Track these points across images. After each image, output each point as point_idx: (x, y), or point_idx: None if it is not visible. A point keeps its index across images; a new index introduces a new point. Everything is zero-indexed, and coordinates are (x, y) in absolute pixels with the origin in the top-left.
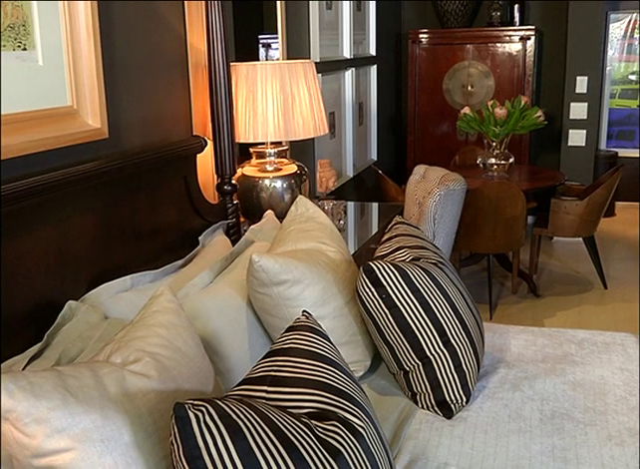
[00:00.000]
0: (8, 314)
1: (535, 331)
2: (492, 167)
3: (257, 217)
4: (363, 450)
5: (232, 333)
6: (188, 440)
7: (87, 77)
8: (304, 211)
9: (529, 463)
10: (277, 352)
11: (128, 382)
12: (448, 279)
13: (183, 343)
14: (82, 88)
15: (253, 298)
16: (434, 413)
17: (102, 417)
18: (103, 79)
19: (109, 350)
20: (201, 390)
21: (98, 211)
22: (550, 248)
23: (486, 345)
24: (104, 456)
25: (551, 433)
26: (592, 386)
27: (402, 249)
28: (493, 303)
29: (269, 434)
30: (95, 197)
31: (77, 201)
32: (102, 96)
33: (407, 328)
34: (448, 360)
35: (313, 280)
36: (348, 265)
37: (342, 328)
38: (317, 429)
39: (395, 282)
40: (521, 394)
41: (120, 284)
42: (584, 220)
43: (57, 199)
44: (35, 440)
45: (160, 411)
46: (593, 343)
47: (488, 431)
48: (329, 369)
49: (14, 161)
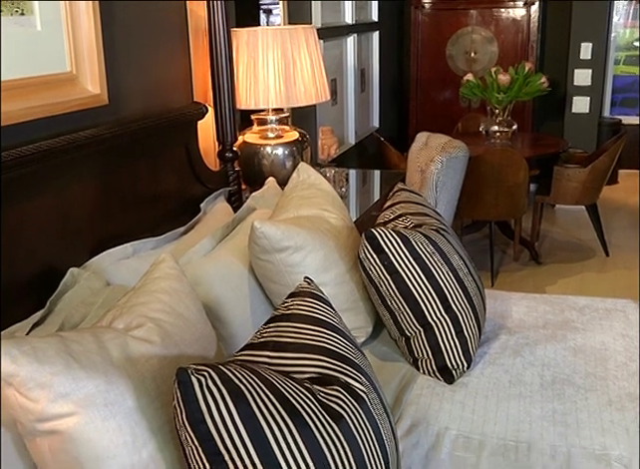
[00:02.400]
0: (10, 281)
1: (537, 298)
2: (495, 134)
3: (259, 184)
4: (365, 414)
5: (234, 300)
6: (191, 404)
7: (86, 42)
8: (306, 178)
9: (530, 427)
10: (279, 318)
11: (130, 348)
12: (449, 246)
13: (185, 309)
14: (81, 54)
15: (255, 265)
16: (435, 379)
17: (105, 382)
18: (102, 45)
19: (111, 316)
20: (204, 356)
21: (98, 177)
22: (552, 216)
23: (488, 312)
24: (107, 420)
25: (552, 398)
26: (593, 352)
27: (404, 216)
28: (495, 271)
29: (272, 399)
30: (95, 163)
31: (77, 168)
32: (101, 62)
33: (408, 295)
34: (449, 326)
35: (315, 247)
36: (350, 232)
37: (344, 295)
38: (319, 394)
39: (397, 249)
40: (522, 360)
41: (121, 251)
42: (587, 187)
43: (57, 165)
44: (39, 405)
45: (162, 376)
46: (594, 310)
47: (489, 396)
48: (331, 335)
49: (13, 127)
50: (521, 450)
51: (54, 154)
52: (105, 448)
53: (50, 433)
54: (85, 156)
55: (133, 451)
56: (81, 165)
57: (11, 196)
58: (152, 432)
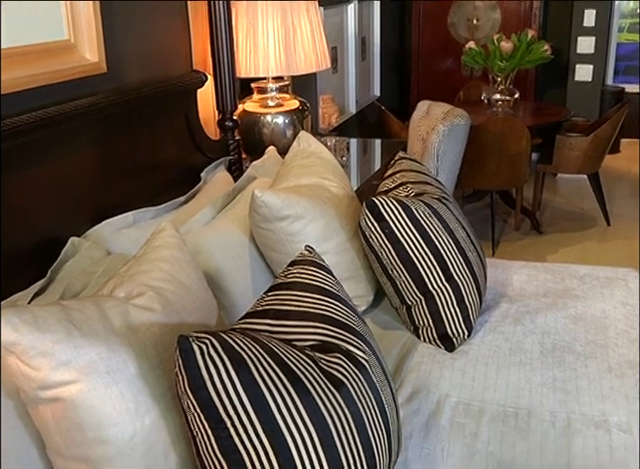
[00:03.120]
0: (11, 251)
1: (538, 266)
2: (497, 102)
3: (259, 153)
4: (366, 381)
5: (235, 269)
6: (192, 372)
7: (83, 10)
8: (306, 146)
9: (530, 394)
10: (280, 286)
11: (131, 316)
12: (451, 215)
13: (186, 278)
14: (78, 21)
15: (256, 234)
16: (435, 347)
17: (107, 350)
18: (100, 12)
19: (112, 285)
20: (205, 324)
21: (98, 146)
22: (554, 185)
23: (489, 280)
24: (110, 387)
25: (552, 365)
26: (593, 320)
27: (405, 185)
28: (496, 240)
29: (273, 366)
30: (94, 132)
31: (76, 136)
32: (99, 29)
33: (409, 263)
34: (450, 295)
35: (316, 216)
36: (351, 201)
37: (345, 263)
38: (320, 361)
39: (398, 217)
40: (523, 328)
41: (122, 221)
42: (589, 156)
43: (56, 134)
44: (41, 373)
45: (164, 344)
46: (595, 278)
47: (489, 364)
48: (332, 303)
49: (11, 96)
50: (521, 417)
51: (52, 122)
52: (107, 415)
53: (52, 401)
54: (84, 124)
55: (135, 418)
56: (80, 133)
57: (10, 165)
58: (154, 399)
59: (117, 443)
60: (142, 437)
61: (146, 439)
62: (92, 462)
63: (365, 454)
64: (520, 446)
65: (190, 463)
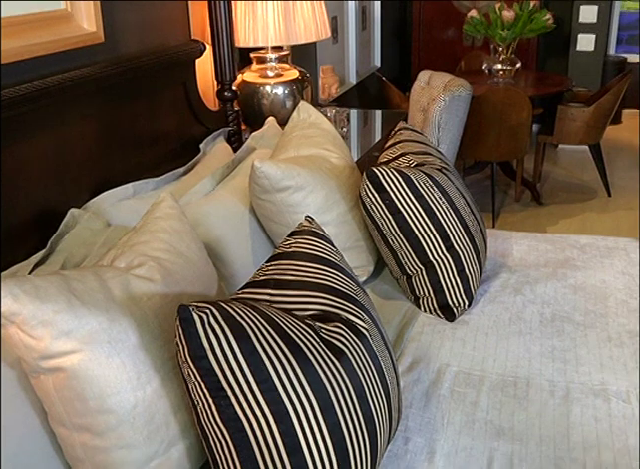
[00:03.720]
0: (10, 222)
1: (538, 237)
2: (499, 72)
3: (259, 123)
4: (366, 351)
5: (235, 240)
6: (193, 341)
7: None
8: (306, 116)
9: (529, 364)
10: (281, 256)
11: (132, 286)
12: (451, 185)
13: (187, 248)
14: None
15: (256, 205)
16: (436, 317)
17: (107, 320)
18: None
19: (112, 256)
20: (205, 295)
21: (97, 117)
22: (555, 156)
23: (489, 251)
24: (111, 357)
25: (551, 335)
26: (593, 290)
27: (406, 155)
28: (497, 211)
29: (273, 335)
30: (93, 103)
31: (75, 107)
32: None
33: (410, 233)
34: (450, 265)
35: (316, 186)
36: (351, 171)
37: (345, 234)
38: (321, 331)
39: (398, 187)
40: (523, 298)
41: (121, 192)
42: (590, 126)
43: (54, 104)
44: (42, 343)
45: (164, 314)
46: (596, 248)
47: (489, 334)
48: (332, 273)
49: (8, 66)
50: (521, 386)
51: (50, 93)
52: (109, 385)
53: (54, 370)
54: (81, 94)
55: (137, 387)
56: (78, 104)
57: (9, 135)
58: (155, 369)
59: (118, 412)
60: (143, 406)
61: (147, 408)
62: (94, 431)
63: (365, 422)
64: (520, 415)
65: (192, 432)
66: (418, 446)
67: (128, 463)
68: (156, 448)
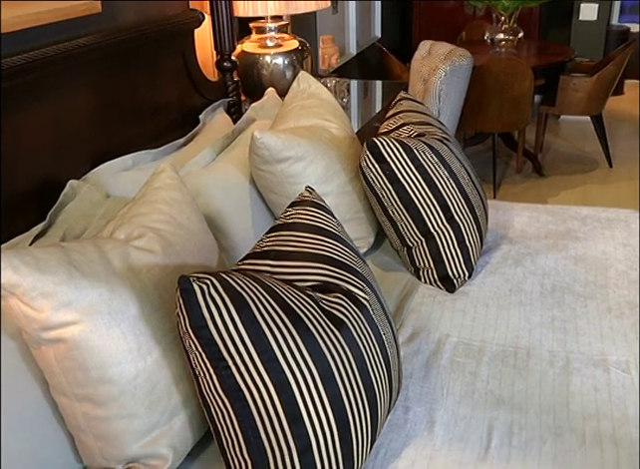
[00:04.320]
0: (10, 194)
1: (539, 208)
2: (501, 42)
3: (258, 94)
4: (366, 321)
5: (235, 211)
6: (194, 312)
7: None
8: (306, 87)
9: (529, 334)
10: (281, 227)
11: (132, 257)
12: (452, 155)
13: (187, 219)
14: None
15: (256, 176)
16: (436, 288)
17: (108, 291)
18: None
19: (112, 227)
20: (206, 266)
21: (95, 88)
22: (556, 127)
23: (490, 222)
24: (112, 328)
25: (551, 306)
26: (594, 261)
27: (406, 125)
28: (497, 183)
29: (274, 306)
30: (91, 73)
31: (72, 77)
32: None
33: (410, 204)
34: (451, 236)
35: (316, 157)
36: (351, 142)
37: (346, 205)
38: (321, 301)
39: (398, 158)
40: (523, 269)
41: (121, 163)
42: (593, 97)
43: (53, 75)
44: (42, 314)
45: (165, 285)
46: (597, 220)
47: (490, 304)
48: (333, 243)
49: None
50: (520, 356)
51: (47, 63)
52: (110, 355)
53: (55, 341)
54: (79, 65)
55: (138, 358)
56: (76, 75)
57: (7, 107)
58: (156, 340)
59: (120, 382)
60: (144, 377)
61: (148, 379)
62: (95, 401)
63: (366, 392)
64: (519, 385)
65: (193, 401)
66: (418, 416)
67: (129, 433)
68: (157, 418)
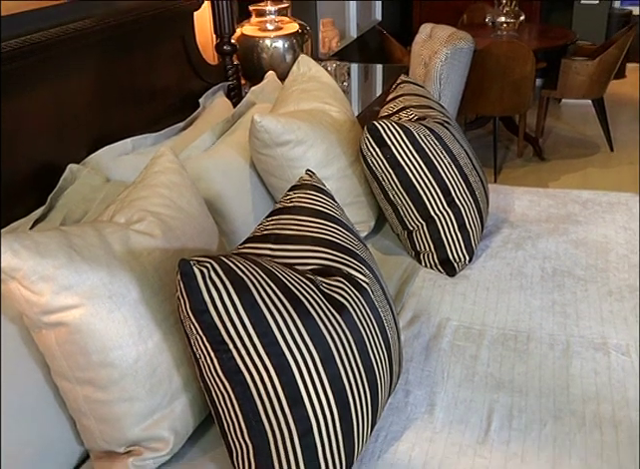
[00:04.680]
0: (9, 178)
1: (540, 192)
2: (502, 25)
3: (258, 78)
4: (367, 304)
5: (236, 195)
6: (194, 295)
7: None
8: (306, 70)
9: (529, 318)
10: (281, 211)
11: (132, 241)
12: (453, 139)
13: (187, 203)
14: None
15: (256, 160)
16: (437, 272)
17: (108, 274)
18: None
19: (112, 211)
20: (206, 250)
21: (94, 71)
22: (558, 111)
23: (491, 206)
24: (113, 312)
25: (552, 289)
26: (595, 245)
27: (407, 109)
28: (498, 167)
29: (274, 289)
30: (90, 57)
31: (73, 61)
32: None
33: (411, 188)
34: (452, 220)
35: (316, 141)
36: (352, 126)
37: (346, 189)
38: (322, 285)
39: (399, 142)
40: (524, 253)
41: (121, 147)
42: (594, 80)
43: (52, 58)
44: (43, 297)
45: (165, 269)
46: (597, 203)
47: (490, 288)
48: (333, 227)
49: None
50: (521, 339)
51: (46, 46)
52: (111, 339)
53: (56, 325)
54: (78, 48)
55: (139, 341)
56: (75, 58)
57: (6, 90)
58: (157, 323)
59: (121, 366)
60: (145, 360)
61: (149, 362)
62: (97, 384)
63: (366, 375)
64: (519, 368)
65: (194, 385)
66: (418, 399)
67: (130, 416)
68: (158, 401)
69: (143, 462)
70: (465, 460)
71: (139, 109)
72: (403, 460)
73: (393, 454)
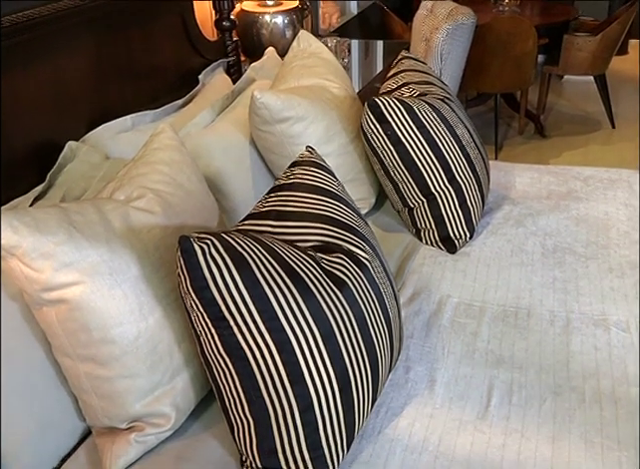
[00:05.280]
0: (9, 156)
1: (541, 169)
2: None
3: (258, 54)
4: (367, 281)
5: (236, 172)
6: (195, 272)
7: None
8: (307, 46)
9: (530, 294)
10: (281, 187)
11: (132, 218)
12: (454, 115)
13: (186, 180)
14: None
15: (256, 137)
16: (437, 249)
17: (109, 251)
18: None
19: (111, 188)
20: (206, 227)
21: (93, 48)
22: (560, 88)
23: (492, 183)
24: (113, 288)
25: (553, 266)
26: (596, 222)
27: (408, 85)
28: (499, 144)
29: (275, 266)
30: (89, 33)
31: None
32: None
33: (412, 165)
34: (452, 197)
35: (317, 117)
36: (352, 102)
37: (347, 166)
38: (322, 261)
39: (400, 118)
40: (524, 230)
41: (120, 124)
42: (596, 57)
43: (49, 34)
44: (43, 274)
45: (165, 246)
46: (599, 180)
47: (491, 265)
48: (334, 203)
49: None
50: (521, 316)
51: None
52: (112, 316)
53: (56, 302)
54: (77, 24)
55: (139, 318)
56: (74, 34)
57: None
58: (157, 300)
59: (122, 343)
60: (146, 337)
61: (150, 339)
62: (98, 361)
63: (367, 351)
64: (520, 344)
65: (195, 361)
66: (419, 375)
67: (132, 392)
68: (159, 377)
69: (145, 438)
70: (464, 435)
71: (137, 86)
72: (403, 435)
73: (393, 430)
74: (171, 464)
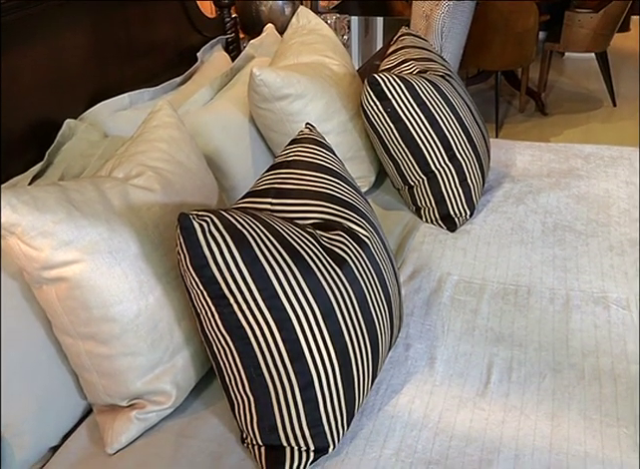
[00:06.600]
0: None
1: (542, 146)
2: None
3: (257, 31)
4: (367, 258)
5: (235, 150)
6: (194, 249)
7: None
8: (306, 23)
9: (530, 272)
10: (281, 165)
11: (131, 196)
12: (455, 93)
13: (186, 158)
14: None
15: (255, 114)
16: (437, 227)
17: (108, 229)
18: None
19: (110, 166)
20: (206, 204)
21: (91, 26)
22: (561, 65)
23: (492, 160)
24: (113, 267)
25: (553, 244)
26: (596, 199)
27: (408, 62)
28: (500, 122)
29: (275, 243)
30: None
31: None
32: None
33: (412, 143)
34: (453, 175)
35: (316, 95)
36: (352, 79)
37: (346, 144)
38: (322, 239)
39: (400, 95)
40: (525, 207)
41: (118, 102)
42: (598, 33)
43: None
44: (43, 253)
45: (165, 223)
46: (600, 158)
47: (491, 243)
48: (333, 181)
49: None
50: (521, 293)
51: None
52: (112, 294)
53: (56, 280)
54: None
55: (139, 296)
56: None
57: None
58: (157, 278)
59: (122, 321)
60: (146, 315)
61: (150, 317)
62: (98, 339)
63: (367, 328)
64: (519, 322)
65: (196, 339)
66: (419, 352)
67: (133, 370)
68: (160, 355)
69: (146, 415)
70: (464, 412)
71: (136, 64)
72: (403, 412)
73: (393, 407)
74: (172, 441)
